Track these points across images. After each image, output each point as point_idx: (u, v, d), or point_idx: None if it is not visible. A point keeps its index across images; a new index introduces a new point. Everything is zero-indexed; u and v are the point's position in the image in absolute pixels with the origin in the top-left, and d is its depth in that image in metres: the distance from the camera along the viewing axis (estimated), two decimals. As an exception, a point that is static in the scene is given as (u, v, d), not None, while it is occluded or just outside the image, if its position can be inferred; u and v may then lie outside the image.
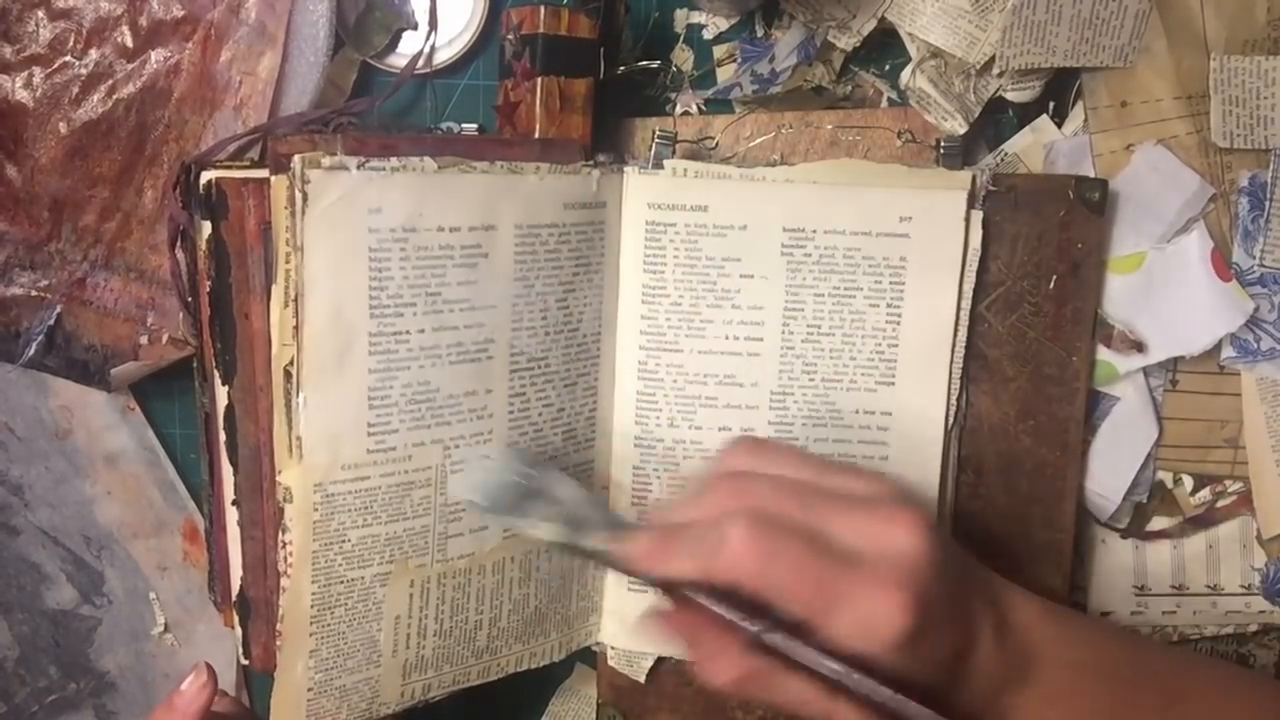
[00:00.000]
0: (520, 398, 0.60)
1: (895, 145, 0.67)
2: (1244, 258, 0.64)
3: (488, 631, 0.62)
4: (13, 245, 0.65)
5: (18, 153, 0.64)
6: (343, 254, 0.52)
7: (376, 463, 0.55)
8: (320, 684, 0.56)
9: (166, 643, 0.73)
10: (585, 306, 0.62)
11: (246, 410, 0.57)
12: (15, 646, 0.72)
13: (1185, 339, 0.65)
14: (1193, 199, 0.64)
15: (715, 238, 0.62)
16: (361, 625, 0.57)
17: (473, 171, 0.55)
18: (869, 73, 0.70)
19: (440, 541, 0.58)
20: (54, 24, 0.63)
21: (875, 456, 0.63)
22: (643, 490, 0.64)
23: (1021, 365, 0.64)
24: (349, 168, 0.52)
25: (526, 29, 0.62)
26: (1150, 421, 0.66)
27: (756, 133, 0.68)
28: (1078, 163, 0.66)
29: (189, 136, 0.64)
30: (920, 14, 0.66)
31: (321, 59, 0.64)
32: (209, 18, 0.63)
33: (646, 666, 0.66)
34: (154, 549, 0.72)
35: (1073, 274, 0.63)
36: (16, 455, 0.70)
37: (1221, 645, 0.72)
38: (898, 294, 0.62)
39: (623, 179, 0.62)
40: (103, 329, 0.66)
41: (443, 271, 0.55)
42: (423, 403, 0.56)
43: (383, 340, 0.54)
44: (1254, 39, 0.63)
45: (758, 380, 0.63)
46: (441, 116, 0.69)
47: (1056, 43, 0.63)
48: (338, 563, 0.55)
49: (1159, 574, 0.69)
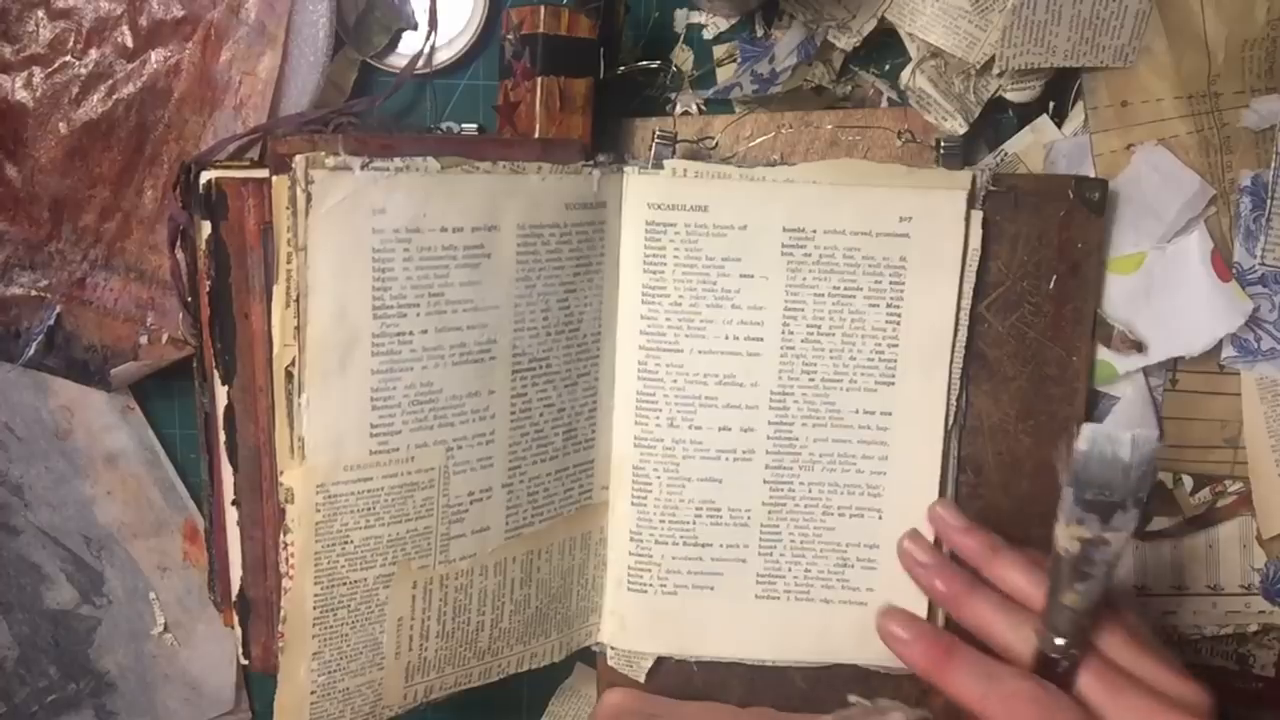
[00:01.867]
0: (522, 398, 0.60)
1: (895, 145, 0.67)
2: (1245, 257, 0.64)
3: (489, 632, 0.62)
4: (13, 245, 0.65)
5: (18, 153, 0.64)
6: (346, 255, 0.52)
7: (379, 464, 0.55)
8: (323, 687, 0.56)
9: (166, 643, 0.73)
10: (586, 306, 0.62)
11: (246, 410, 0.57)
12: (15, 646, 0.72)
13: (1185, 339, 0.65)
14: (1193, 199, 0.64)
15: (715, 238, 0.62)
16: (364, 627, 0.57)
17: (475, 172, 0.55)
18: (869, 73, 0.70)
19: (443, 543, 0.58)
20: (54, 24, 0.63)
21: (875, 456, 0.63)
22: (643, 490, 0.64)
23: (1021, 365, 0.64)
24: (352, 168, 0.52)
25: (526, 29, 0.62)
26: (1150, 421, 0.66)
27: (756, 133, 0.68)
28: (1078, 163, 0.66)
29: (189, 136, 0.64)
30: (920, 14, 0.66)
31: (321, 59, 0.64)
32: (209, 18, 0.63)
33: (646, 667, 0.66)
34: (154, 549, 0.72)
35: (1073, 274, 0.63)
36: (16, 455, 0.70)
37: (1221, 645, 0.72)
38: (898, 294, 0.62)
39: (623, 179, 0.62)
40: (103, 329, 0.66)
41: (446, 272, 0.55)
42: (425, 404, 0.56)
43: (386, 341, 0.54)
44: (1254, 39, 0.64)
45: (758, 380, 0.63)
46: (441, 116, 0.69)
47: (1056, 43, 0.63)
48: (340, 564, 0.55)
49: (1159, 574, 0.69)
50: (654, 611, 0.65)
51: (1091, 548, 0.49)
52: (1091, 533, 0.49)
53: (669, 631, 0.65)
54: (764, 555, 0.64)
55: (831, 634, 0.65)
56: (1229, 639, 0.71)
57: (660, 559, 0.65)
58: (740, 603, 0.65)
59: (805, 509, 0.64)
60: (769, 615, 0.65)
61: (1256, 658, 0.72)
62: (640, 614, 0.65)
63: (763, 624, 0.65)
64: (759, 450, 0.63)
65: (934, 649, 0.52)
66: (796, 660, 0.65)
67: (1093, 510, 0.49)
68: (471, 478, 0.58)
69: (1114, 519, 0.49)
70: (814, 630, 0.65)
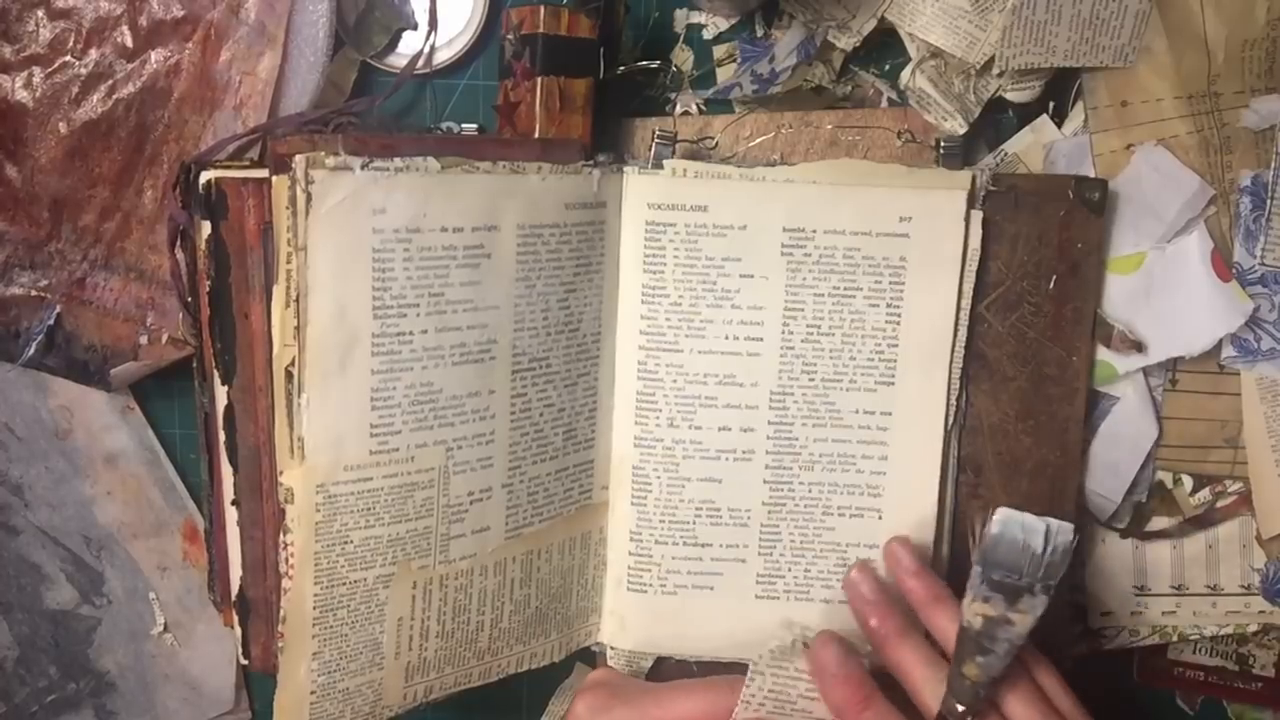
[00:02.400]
0: (522, 398, 0.60)
1: (895, 145, 0.67)
2: (1245, 257, 0.64)
3: (489, 632, 0.62)
4: (13, 245, 0.65)
5: (18, 153, 0.64)
6: (346, 255, 0.52)
7: (379, 464, 0.55)
8: (323, 687, 0.56)
9: (166, 643, 0.73)
10: (586, 306, 0.62)
11: (246, 410, 0.57)
12: (15, 646, 0.72)
13: (1185, 339, 0.65)
14: (1193, 199, 0.64)
15: (715, 238, 0.62)
16: (364, 627, 0.57)
17: (475, 171, 0.55)
18: (869, 73, 0.70)
19: (443, 543, 0.58)
20: (54, 24, 0.63)
21: (875, 456, 0.63)
22: (643, 490, 0.64)
23: (1021, 365, 0.64)
24: (353, 168, 0.52)
25: (526, 29, 0.62)
26: (1150, 421, 0.66)
27: (756, 133, 0.68)
28: (1078, 163, 0.66)
29: (189, 136, 0.64)
30: (920, 14, 0.66)
31: (321, 59, 0.64)
32: (209, 18, 0.63)
33: (646, 666, 0.66)
34: (154, 549, 0.72)
35: (1073, 274, 0.63)
36: (16, 455, 0.70)
37: (1221, 645, 0.73)
38: (898, 294, 0.62)
39: (623, 179, 0.62)
40: (103, 329, 0.66)
41: (446, 272, 0.55)
42: (425, 404, 0.56)
43: (386, 341, 0.54)
44: (1254, 39, 0.64)
45: (758, 380, 0.63)
46: (441, 116, 0.69)
47: (1056, 43, 0.63)
48: (340, 564, 0.55)
49: (1159, 574, 0.69)
50: (654, 611, 0.65)
51: (995, 625, 0.50)
52: (996, 611, 0.50)
53: (669, 631, 0.65)
54: (764, 555, 0.64)
55: (831, 634, 0.65)
56: (1229, 639, 0.71)
57: (660, 559, 0.65)
58: (740, 603, 0.65)
59: (805, 509, 0.64)
60: (769, 615, 0.65)
61: (1256, 658, 0.72)
62: (640, 614, 0.65)
63: (763, 624, 0.65)
64: (759, 450, 0.63)
65: (854, 694, 0.52)
66: (796, 660, 0.65)
67: (999, 591, 0.50)
68: (471, 478, 0.58)
69: (1020, 601, 0.50)
70: (814, 630, 0.65)
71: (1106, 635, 0.70)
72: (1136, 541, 0.69)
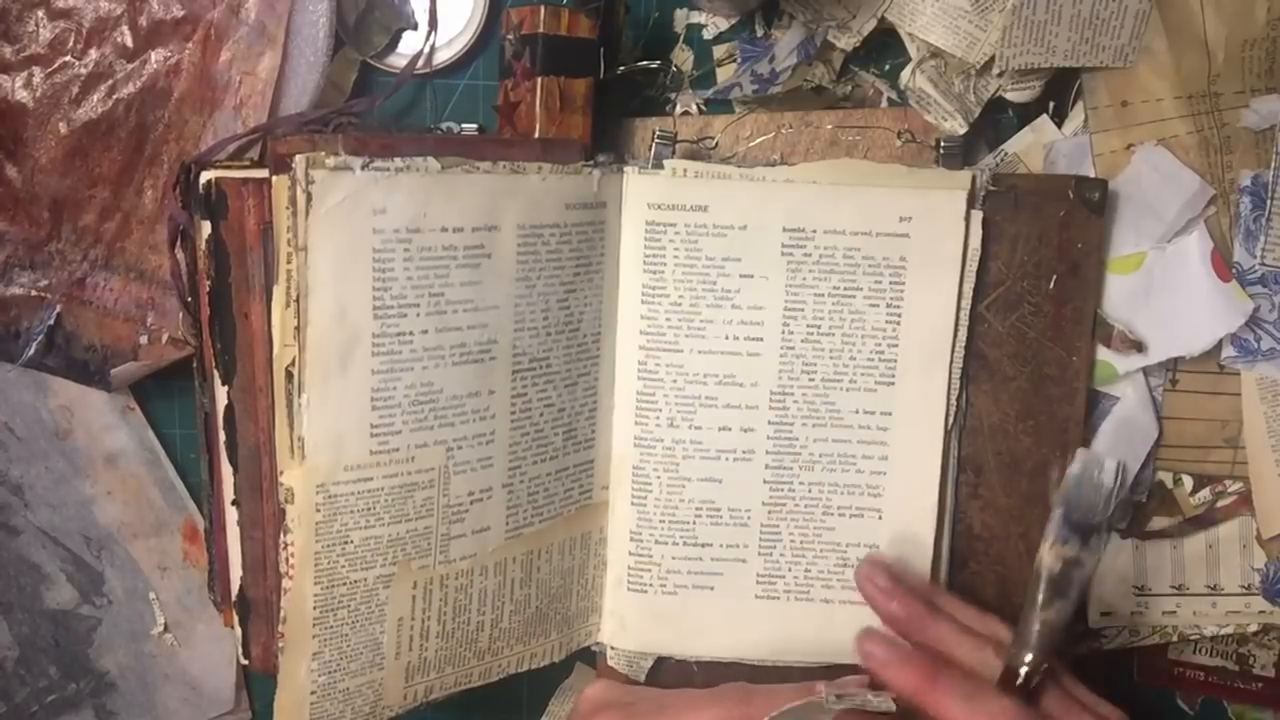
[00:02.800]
0: (522, 398, 0.60)
1: (895, 145, 0.67)
2: (1245, 257, 0.64)
3: (489, 633, 0.62)
4: (13, 245, 0.65)
5: (18, 153, 0.64)
6: (346, 255, 0.52)
7: (379, 464, 0.55)
8: (324, 687, 0.56)
9: (166, 643, 0.73)
10: (586, 306, 0.62)
11: (246, 410, 0.57)
12: (15, 646, 0.72)
13: (1185, 339, 0.65)
14: (1193, 199, 0.64)
15: (715, 238, 0.62)
16: (365, 627, 0.57)
17: (476, 171, 0.55)
18: (869, 73, 0.70)
19: (443, 543, 0.58)
20: (54, 24, 0.63)
21: (875, 456, 0.64)
22: (643, 490, 0.64)
23: (1021, 365, 0.64)
24: (353, 168, 0.52)
25: (526, 29, 0.61)
26: (1150, 421, 0.66)
27: (756, 133, 0.68)
28: (1078, 163, 0.66)
29: (189, 136, 0.64)
30: (920, 14, 0.66)
31: (321, 59, 0.64)
32: (209, 18, 0.63)
33: (646, 666, 0.66)
34: (154, 549, 0.72)
35: (1073, 274, 0.63)
36: (16, 455, 0.70)
37: (1221, 645, 0.73)
38: (898, 294, 0.62)
39: (623, 179, 0.62)
40: (103, 329, 0.66)
41: (446, 272, 0.55)
42: (426, 404, 0.56)
43: (386, 341, 0.54)
44: (1254, 39, 0.64)
45: (758, 380, 0.63)
46: (441, 116, 0.69)
47: (1056, 43, 0.63)
48: (340, 564, 0.55)
49: (1159, 574, 0.69)
50: (654, 611, 0.65)
51: (1071, 567, 0.53)
52: (1073, 552, 0.53)
53: (669, 631, 0.65)
54: (764, 555, 0.65)
55: (831, 634, 0.64)
56: (1229, 639, 0.71)
57: (660, 559, 0.65)
58: (740, 602, 0.65)
59: (805, 509, 0.64)
60: (769, 615, 0.65)
61: (1256, 658, 0.72)
62: (640, 614, 0.66)
63: (763, 624, 0.65)
64: (759, 450, 0.63)
65: (918, 671, 0.53)
66: (796, 660, 0.65)
67: (1077, 530, 0.53)
68: (472, 478, 0.58)
69: (1091, 540, 0.53)
70: (814, 630, 0.65)
71: (1106, 635, 0.70)
72: (1136, 541, 0.69)
